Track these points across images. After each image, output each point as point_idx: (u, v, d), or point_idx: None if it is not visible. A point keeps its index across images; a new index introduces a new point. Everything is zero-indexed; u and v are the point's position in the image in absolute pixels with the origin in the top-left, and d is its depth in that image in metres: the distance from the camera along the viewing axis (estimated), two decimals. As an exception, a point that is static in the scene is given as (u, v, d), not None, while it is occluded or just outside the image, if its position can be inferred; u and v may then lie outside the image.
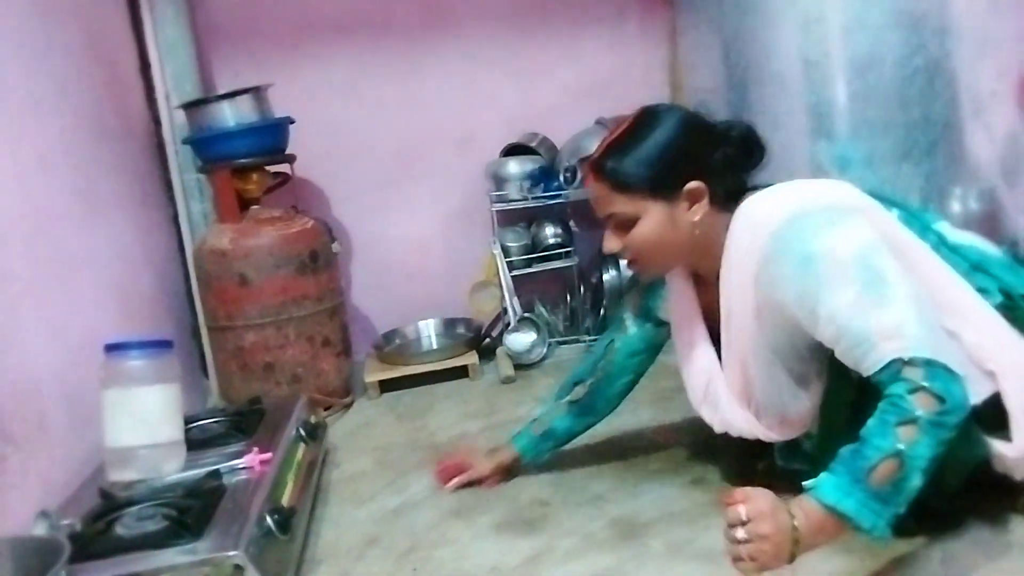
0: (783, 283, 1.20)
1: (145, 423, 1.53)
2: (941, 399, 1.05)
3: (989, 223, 1.98)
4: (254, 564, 1.26)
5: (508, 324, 2.62)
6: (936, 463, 1.05)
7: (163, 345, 1.60)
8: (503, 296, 2.63)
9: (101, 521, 1.38)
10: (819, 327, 1.18)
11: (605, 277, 2.69)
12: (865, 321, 1.12)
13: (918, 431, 1.04)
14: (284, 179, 2.52)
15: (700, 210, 1.29)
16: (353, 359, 2.55)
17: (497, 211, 2.72)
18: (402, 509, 1.68)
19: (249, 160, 2.34)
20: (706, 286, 1.41)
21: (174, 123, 2.51)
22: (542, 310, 2.77)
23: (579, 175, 2.59)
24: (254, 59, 2.67)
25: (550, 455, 1.72)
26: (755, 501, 1.05)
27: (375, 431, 2.22)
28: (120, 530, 1.35)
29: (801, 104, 2.08)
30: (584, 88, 2.87)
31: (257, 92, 2.37)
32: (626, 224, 1.31)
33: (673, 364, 1.57)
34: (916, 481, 1.04)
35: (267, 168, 2.42)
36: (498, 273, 2.64)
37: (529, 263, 2.71)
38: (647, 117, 1.32)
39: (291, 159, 2.48)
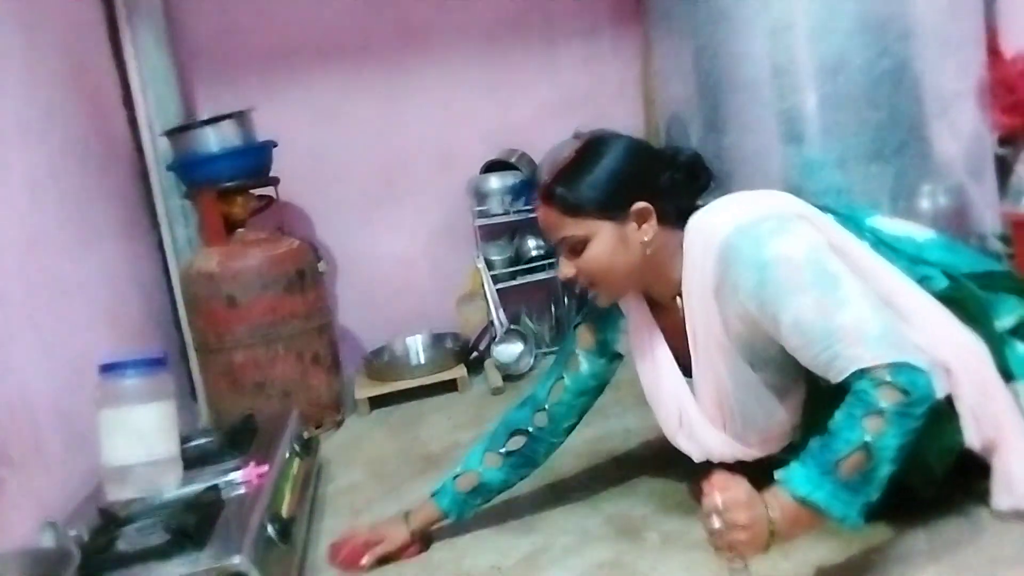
0: (743, 292, 1.21)
1: (141, 440, 1.54)
2: (906, 391, 1.07)
3: (958, 219, 2.05)
4: (257, 570, 1.28)
5: (495, 336, 2.65)
6: (906, 452, 1.08)
7: (157, 363, 1.62)
8: (489, 309, 2.67)
9: (102, 538, 1.39)
10: (782, 334, 1.19)
11: (589, 287, 2.73)
12: (827, 325, 1.13)
13: (884, 423, 1.05)
14: (269, 202, 2.56)
15: (650, 230, 1.30)
16: (343, 376, 2.56)
17: (480, 226, 2.76)
18: (398, 517, 1.70)
19: (234, 183, 2.37)
20: (664, 310, 1.41)
21: (157, 150, 2.54)
22: (528, 321, 2.81)
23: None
24: (236, 84, 2.71)
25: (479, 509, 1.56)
26: (731, 490, 1.06)
27: (367, 445, 2.24)
28: (122, 545, 1.36)
29: (772, 110, 2.14)
30: (560, 103, 2.94)
31: (240, 116, 2.41)
32: (578, 247, 1.31)
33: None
34: (885, 471, 1.06)
35: (252, 191, 2.45)
36: (483, 286, 2.67)
37: (513, 275, 2.76)
38: (594, 144, 1.32)
39: (275, 182, 2.52)
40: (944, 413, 1.20)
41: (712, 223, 1.28)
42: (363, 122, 2.86)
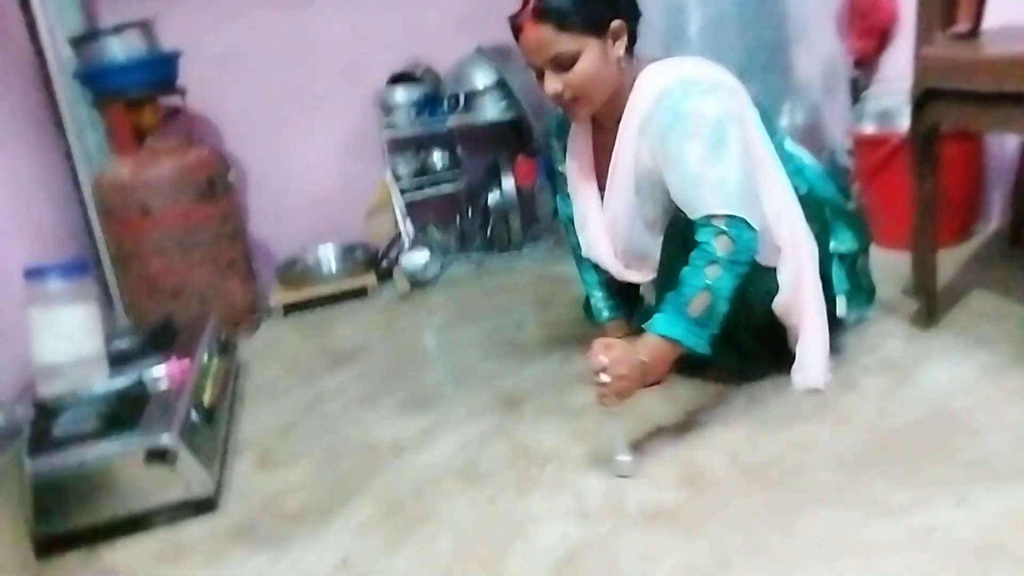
0: (657, 128, 1.45)
1: (69, 339, 1.67)
2: (734, 242, 1.34)
3: (813, 134, 2.30)
4: (185, 447, 1.45)
5: (403, 246, 2.81)
6: (738, 293, 1.36)
7: (80, 267, 1.73)
8: (397, 220, 2.81)
9: (38, 426, 1.52)
10: (667, 170, 1.44)
11: (491, 198, 2.91)
12: (700, 172, 1.39)
13: (720, 269, 1.34)
14: (177, 112, 2.60)
15: (622, 47, 1.50)
16: (258, 283, 2.69)
17: (387, 139, 2.87)
18: (314, 402, 1.91)
19: (142, 93, 2.41)
20: (603, 132, 1.63)
21: (60, 58, 2.53)
22: (434, 231, 2.98)
23: (458, 103, 2.78)
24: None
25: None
26: (611, 350, 1.34)
27: (283, 346, 2.40)
28: (58, 432, 1.51)
29: (657, 32, 2.30)
30: (464, 15, 3.00)
31: (144, 25, 2.43)
32: (567, 63, 1.46)
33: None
34: (723, 308, 1.36)
35: (159, 101, 2.50)
36: (391, 198, 2.81)
37: (420, 187, 2.90)
38: None
39: (182, 91, 2.56)
40: (767, 269, 1.50)
41: (665, 71, 1.51)
42: (270, 31, 2.88)
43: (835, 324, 1.63)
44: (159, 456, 1.43)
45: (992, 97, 1.40)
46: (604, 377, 1.33)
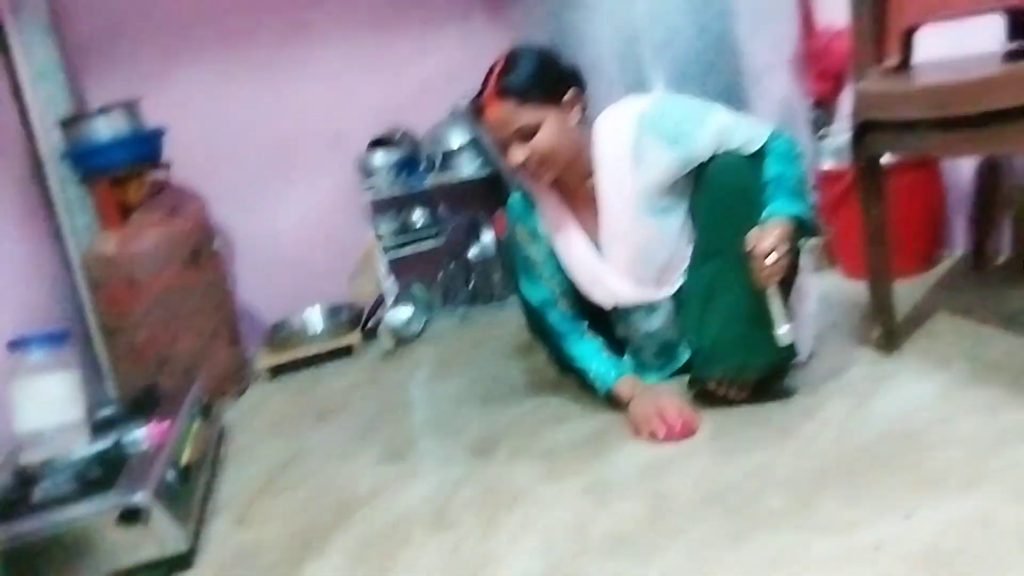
0: (664, 138, 1.58)
1: (51, 406, 1.72)
2: (794, 141, 1.61)
3: (775, 174, 2.36)
4: (159, 506, 1.48)
5: (387, 304, 2.87)
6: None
7: (60, 336, 1.79)
8: (380, 279, 2.88)
9: (18, 492, 1.57)
10: (705, 144, 1.57)
11: (472, 253, 2.97)
12: (741, 119, 1.61)
13: (798, 160, 1.58)
14: (162, 185, 2.69)
15: (577, 114, 1.64)
16: (245, 351, 2.74)
17: (369, 200, 2.96)
18: (294, 459, 1.93)
19: (126, 170, 2.51)
20: (573, 194, 1.74)
21: (50, 140, 2.64)
22: (418, 287, 3.04)
23: (435, 164, 2.88)
24: (125, 73, 2.82)
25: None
26: (769, 234, 1.46)
27: (268, 407, 2.44)
28: (37, 496, 1.55)
29: (620, 87, 2.38)
30: (439, 82, 3.13)
31: (129, 105, 2.54)
32: (530, 134, 1.60)
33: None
34: (810, 188, 1.63)
35: (145, 176, 2.59)
36: (374, 258, 2.88)
37: (402, 246, 2.97)
38: (518, 50, 1.66)
39: (167, 165, 2.66)
40: None
41: (620, 112, 1.66)
42: (252, 105, 3.00)
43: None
44: (133, 515, 1.46)
45: (922, 124, 1.46)
46: (774, 256, 1.44)
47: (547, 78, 1.62)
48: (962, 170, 2.23)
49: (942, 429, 1.39)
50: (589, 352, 1.79)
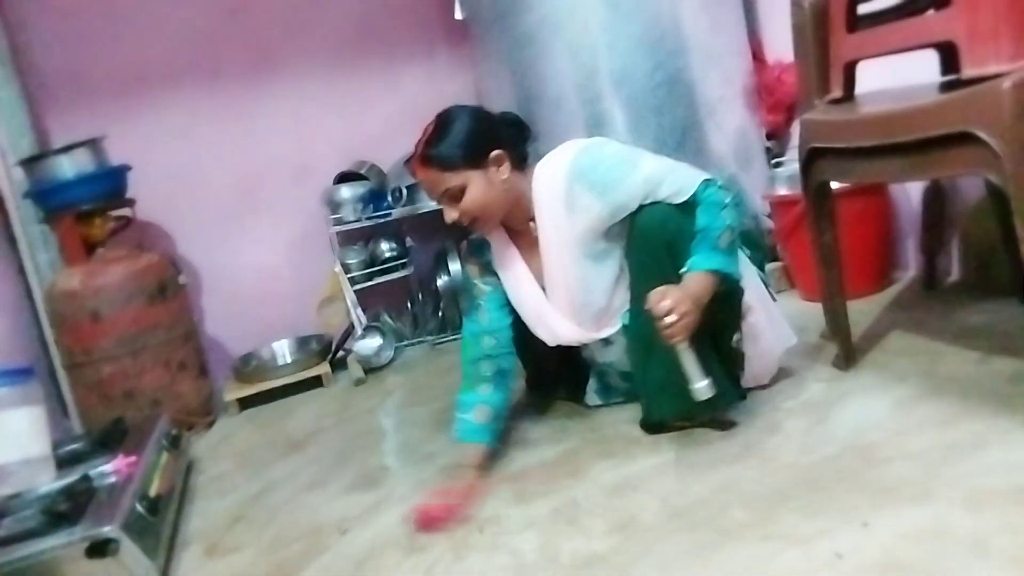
0: (593, 187, 1.62)
1: (16, 441, 1.70)
2: (729, 190, 1.65)
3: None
4: (128, 537, 1.47)
5: (356, 334, 2.88)
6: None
7: (25, 372, 1.78)
8: (348, 309, 2.89)
9: (-17, 529, 1.54)
10: (635, 193, 1.60)
11: (440, 282, 3.00)
12: (670, 166, 1.63)
13: (730, 211, 1.59)
14: (127, 222, 2.70)
15: (505, 171, 1.68)
16: (213, 383, 2.73)
17: (336, 233, 2.98)
18: (264, 490, 1.93)
19: (90, 207, 2.51)
20: (519, 235, 1.79)
21: (12, 180, 2.63)
22: (387, 318, 3.05)
23: (402, 195, 2.92)
24: (88, 112, 2.83)
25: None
26: (670, 294, 1.48)
27: (236, 440, 2.43)
28: (4, 529, 1.53)
29: (579, 120, 2.46)
30: (404, 116, 3.16)
31: (92, 144, 2.55)
32: (457, 195, 1.66)
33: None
34: (737, 241, 1.61)
35: (109, 213, 2.59)
36: (342, 289, 2.90)
37: (370, 277, 2.99)
38: (447, 114, 1.71)
39: (131, 203, 2.66)
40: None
41: (555, 160, 1.72)
42: (217, 141, 3.03)
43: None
44: (102, 547, 1.45)
45: (866, 151, 1.53)
46: (672, 317, 1.46)
47: (470, 143, 1.65)
48: (911, 194, 2.32)
49: (898, 442, 1.44)
50: (469, 403, 1.77)
